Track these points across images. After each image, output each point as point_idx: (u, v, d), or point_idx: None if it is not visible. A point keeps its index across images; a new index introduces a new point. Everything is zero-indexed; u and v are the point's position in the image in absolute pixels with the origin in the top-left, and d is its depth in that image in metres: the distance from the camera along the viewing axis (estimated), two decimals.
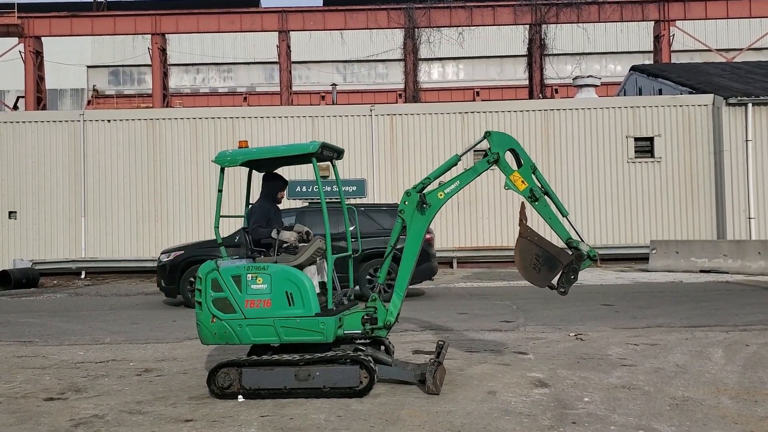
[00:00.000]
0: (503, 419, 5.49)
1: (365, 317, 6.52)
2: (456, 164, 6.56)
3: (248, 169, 7.25)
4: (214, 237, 7.05)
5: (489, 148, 6.49)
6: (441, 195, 6.47)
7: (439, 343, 6.90)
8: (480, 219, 21.91)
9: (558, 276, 6.45)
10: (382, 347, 6.94)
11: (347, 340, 6.62)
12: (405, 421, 5.50)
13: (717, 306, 11.81)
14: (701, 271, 18.32)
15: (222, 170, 6.74)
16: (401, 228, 6.51)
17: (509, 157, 6.57)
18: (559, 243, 6.57)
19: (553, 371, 7.06)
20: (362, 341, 6.69)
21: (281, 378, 6.23)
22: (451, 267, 21.62)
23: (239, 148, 6.74)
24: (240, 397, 6.20)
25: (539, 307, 12.01)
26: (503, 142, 6.51)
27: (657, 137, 22.14)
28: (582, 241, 6.39)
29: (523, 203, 6.48)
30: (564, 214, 6.43)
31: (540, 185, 6.44)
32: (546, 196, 6.46)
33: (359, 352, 6.40)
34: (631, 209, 21.96)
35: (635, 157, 22.14)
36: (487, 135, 6.53)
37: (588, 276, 18.16)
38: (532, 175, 6.44)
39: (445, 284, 16.88)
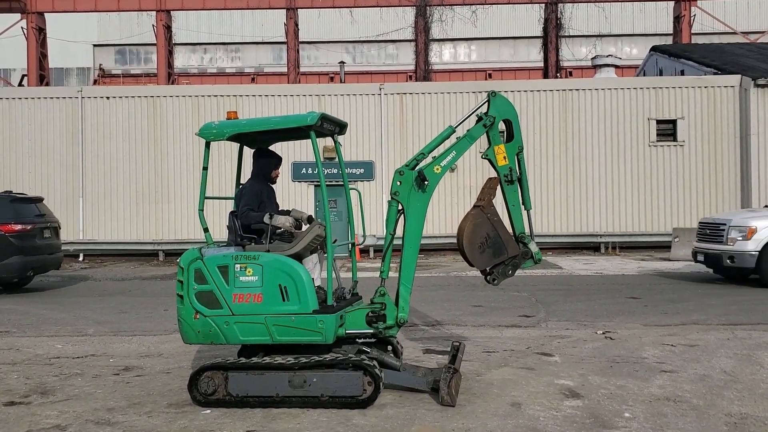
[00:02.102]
0: None
1: (370, 315, 5.67)
2: (449, 137, 5.85)
3: (239, 144, 6.43)
4: None
5: (486, 111, 5.81)
6: (438, 169, 5.66)
7: (455, 344, 6.05)
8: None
9: (495, 264, 5.82)
10: (389, 347, 6.08)
11: (350, 339, 5.79)
12: None
13: (755, 300, 10.89)
14: None
15: (207, 145, 5.89)
16: (397, 212, 5.67)
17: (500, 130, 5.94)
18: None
19: (584, 378, 6.20)
20: (367, 341, 5.85)
21: (273, 384, 5.39)
22: None
23: (227, 119, 5.86)
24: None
25: (560, 300, 11.14)
26: (504, 109, 5.87)
27: (680, 120, 21.12)
28: (533, 240, 5.95)
29: (497, 178, 5.88)
30: (527, 208, 5.94)
31: (518, 170, 5.90)
32: (518, 183, 5.90)
33: (363, 355, 5.56)
34: (652, 195, 21.00)
35: (657, 141, 21.14)
36: (492, 95, 5.84)
37: (607, 265, 17.27)
38: (515, 156, 5.89)
39: (457, 272, 16.01)
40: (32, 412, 5.49)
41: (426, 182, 5.61)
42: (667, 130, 21.23)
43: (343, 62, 35.45)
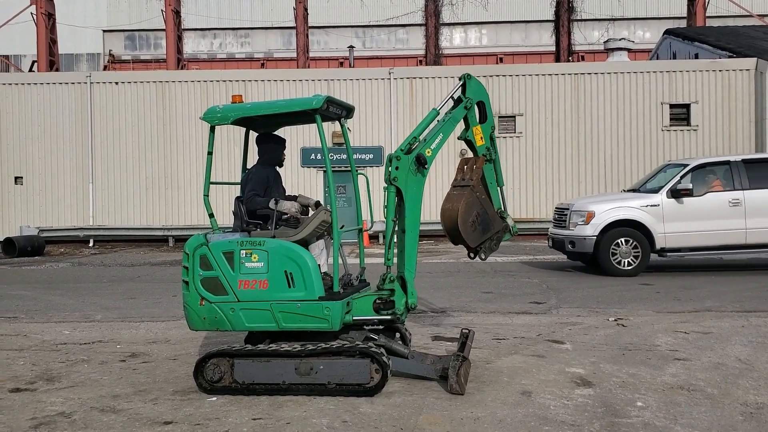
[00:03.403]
0: (542, 430, 4.54)
1: (377, 301, 5.57)
2: (434, 119, 5.83)
3: (245, 129, 6.32)
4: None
5: (463, 93, 5.95)
6: (428, 152, 5.64)
7: (464, 331, 5.95)
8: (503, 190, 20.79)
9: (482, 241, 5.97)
10: (398, 334, 6.00)
11: (358, 325, 5.70)
12: (423, 429, 4.58)
13: None
14: None
15: (212, 129, 5.78)
16: (395, 197, 5.56)
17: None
18: None
19: (596, 366, 6.09)
20: (374, 328, 5.77)
21: (279, 371, 5.32)
22: None
23: (233, 103, 5.76)
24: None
25: (571, 286, 11.02)
26: (478, 91, 6.02)
27: (694, 104, 20.84)
28: (509, 215, 6.20)
29: (479, 158, 5.98)
30: (500, 185, 6.19)
31: (491, 148, 6.14)
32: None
33: (370, 342, 5.47)
34: None
35: (670, 125, 20.88)
36: (468, 78, 5.95)
37: None
38: (489, 136, 6.11)
39: (466, 258, 15.85)
40: (37, 398, 5.45)
41: (426, 166, 5.57)
42: (681, 115, 20.97)
43: (353, 47, 35.24)
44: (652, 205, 12.19)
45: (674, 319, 8.24)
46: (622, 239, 12.13)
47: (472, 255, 5.99)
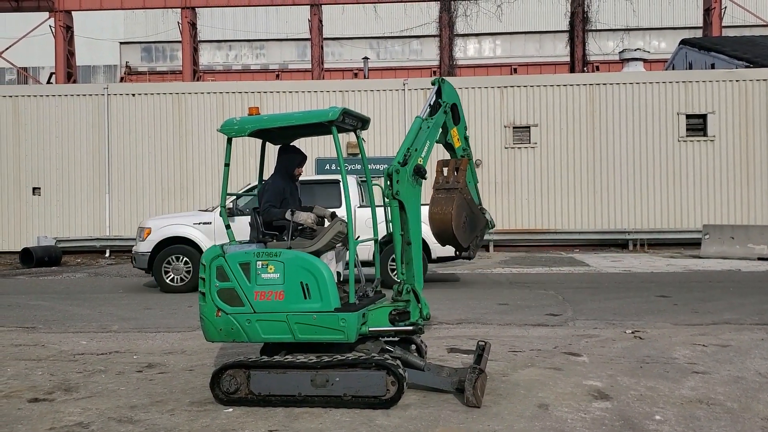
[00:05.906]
0: None
1: (393, 313, 5.56)
2: (420, 127, 5.82)
3: (261, 140, 6.35)
4: None
5: (439, 97, 5.98)
6: (420, 161, 5.63)
7: (480, 344, 5.92)
8: (518, 201, 20.77)
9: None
10: (413, 346, 5.99)
11: (375, 336, 5.68)
12: None
13: None
14: (759, 259, 16.99)
15: (229, 141, 5.82)
16: (399, 211, 5.51)
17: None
18: None
19: (613, 378, 6.04)
20: (390, 339, 5.76)
21: (295, 383, 5.31)
22: (488, 251, 20.56)
23: (249, 115, 5.79)
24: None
25: (587, 298, 10.94)
26: (452, 94, 6.04)
27: (710, 114, 20.70)
28: (486, 209, 6.28)
29: (461, 159, 6.03)
30: (475, 182, 6.24)
31: (467, 148, 6.25)
32: None
33: (386, 354, 5.46)
34: (682, 191, 20.62)
35: (687, 136, 20.75)
36: (442, 82, 5.95)
37: (636, 263, 16.99)
38: (464, 137, 6.21)
39: (482, 269, 15.84)
40: (55, 409, 5.48)
41: (425, 176, 5.58)
42: (697, 125, 20.84)
43: (367, 58, 35.36)
44: (205, 223, 12.40)
45: (692, 331, 8.16)
46: (173, 256, 12.32)
47: (463, 255, 6.01)
